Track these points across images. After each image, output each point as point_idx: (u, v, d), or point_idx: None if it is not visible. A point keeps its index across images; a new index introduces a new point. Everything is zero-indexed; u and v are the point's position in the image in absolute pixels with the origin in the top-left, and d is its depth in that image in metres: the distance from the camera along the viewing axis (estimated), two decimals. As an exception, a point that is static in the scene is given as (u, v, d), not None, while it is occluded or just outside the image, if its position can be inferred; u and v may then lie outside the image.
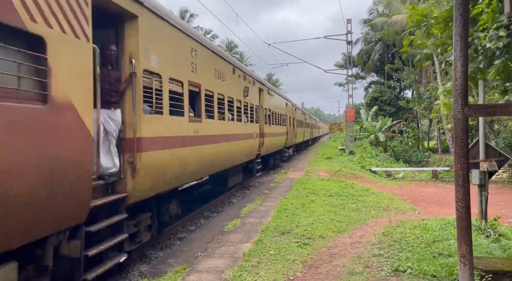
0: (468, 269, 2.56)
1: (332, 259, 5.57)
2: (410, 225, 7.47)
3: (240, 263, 5.34)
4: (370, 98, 38.47)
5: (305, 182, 13.12)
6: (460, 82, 2.61)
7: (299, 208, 8.94)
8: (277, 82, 74.22)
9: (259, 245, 6.17)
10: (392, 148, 32.17)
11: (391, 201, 11.63)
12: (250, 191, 13.09)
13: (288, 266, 5.23)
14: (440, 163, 25.92)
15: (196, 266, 5.42)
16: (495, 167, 7.08)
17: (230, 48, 52.00)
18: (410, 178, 20.38)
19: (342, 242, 6.50)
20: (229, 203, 11.44)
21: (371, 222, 8.13)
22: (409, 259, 5.35)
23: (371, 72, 44.32)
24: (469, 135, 10.41)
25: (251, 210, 9.16)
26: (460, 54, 2.61)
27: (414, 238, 6.49)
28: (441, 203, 13.02)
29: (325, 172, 16.63)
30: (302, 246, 6.12)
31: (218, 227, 7.69)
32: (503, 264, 4.61)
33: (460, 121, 2.60)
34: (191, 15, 43.46)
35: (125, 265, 5.98)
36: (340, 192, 11.60)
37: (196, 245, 6.58)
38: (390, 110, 36.68)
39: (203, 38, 8.52)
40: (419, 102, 31.64)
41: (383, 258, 5.55)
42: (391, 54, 39.37)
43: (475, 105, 2.68)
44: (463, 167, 2.61)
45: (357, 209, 9.53)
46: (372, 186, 14.75)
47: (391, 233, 6.90)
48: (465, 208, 2.61)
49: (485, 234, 6.66)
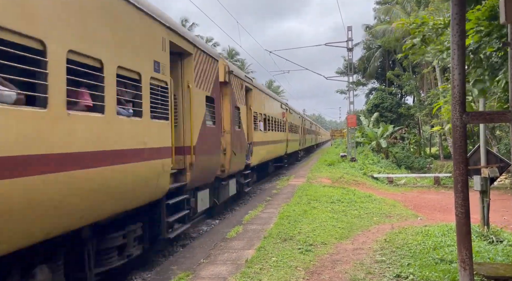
0: (468, 274, 2.59)
1: (334, 266, 5.59)
2: (412, 231, 7.48)
3: (242, 270, 5.36)
4: (371, 105, 38.54)
5: (307, 189, 13.14)
6: (457, 89, 2.67)
7: (301, 215, 8.95)
8: (278, 89, 74.46)
9: (262, 251, 6.19)
10: (394, 154, 32.16)
11: (393, 207, 11.62)
12: (252, 198, 13.11)
13: (290, 272, 5.24)
14: (442, 170, 25.91)
15: (199, 273, 5.44)
16: (497, 173, 7.11)
17: (232, 55, 52.35)
18: (412, 184, 20.35)
19: (344, 248, 6.51)
20: (231, 210, 11.46)
21: (373, 228, 8.14)
22: (411, 265, 5.36)
23: (372, 79, 44.47)
24: (471, 141, 10.47)
25: (253, 217, 9.19)
26: (457, 63, 2.67)
27: (416, 244, 6.50)
28: (443, 209, 13.00)
29: (327, 178, 16.64)
30: (304, 252, 6.14)
31: (220, 234, 7.71)
32: (505, 270, 4.62)
33: (459, 128, 2.66)
34: (192, 24, 43.86)
35: (128, 272, 6.01)
36: (342, 198, 11.61)
37: (198, 252, 6.60)
38: (391, 117, 36.73)
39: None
40: (420, 109, 31.71)
41: (385, 265, 5.56)
42: (392, 61, 39.55)
43: (473, 112, 2.74)
44: (462, 173, 2.66)
45: (359, 216, 9.53)
46: (374, 192, 14.74)
47: (393, 240, 6.91)
48: (465, 214, 2.65)
49: (488, 240, 6.66)
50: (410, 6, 29.96)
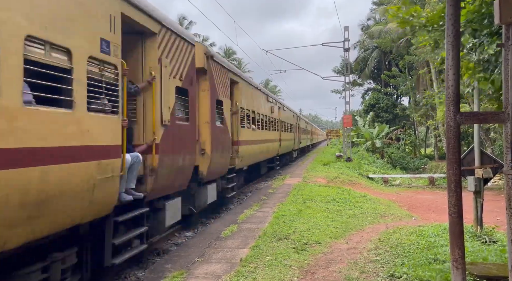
0: (460, 273, 2.61)
1: (328, 265, 5.60)
2: (407, 231, 7.51)
3: (237, 269, 5.36)
4: (367, 105, 38.69)
5: (302, 188, 13.16)
6: (452, 90, 2.68)
7: (296, 214, 8.97)
8: (275, 88, 74.52)
9: (256, 250, 6.19)
10: (389, 154, 32.30)
11: (387, 207, 11.67)
12: (248, 197, 13.11)
13: (284, 271, 5.25)
14: (437, 170, 26.06)
15: (193, 271, 5.43)
16: (490, 173, 7.16)
17: (229, 54, 52.33)
18: (407, 184, 20.46)
19: (338, 248, 6.53)
20: (226, 209, 11.46)
21: (367, 228, 8.17)
22: (404, 264, 5.38)
23: (368, 79, 44.64)
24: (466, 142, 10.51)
25: (248, 216, 9.19)
26: (452, 63, 2.68)
27: (410, 244, 6.53)
28: (437, 209, 13.08)
29: (323, 178, 16.68)
30: (299, 251, 6.15)
31: (215, 233, 7.71)
32: (497, 270, 4.66)
33: (453, 128, 2.67)
34: (190, 22, 43.82)
35: (122, 270, 5.98)
36: (337, 198, 11.64)
37: (193, 250, 6.59)
38: (387, 117, 36.91)
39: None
40: (415, 109, 31.87)
41: (379, 264, 5.59)
42: (388, 61, 39.71)
43: (467, 113, 2.75)
44: (455, 173, 2.67)
45: (354, 215, 9.56)
46: (369, 192, 14.79)
47: (387, 239, 6.94)
48: (458, 213, 2.67)
49: (481, 240, 6.71)
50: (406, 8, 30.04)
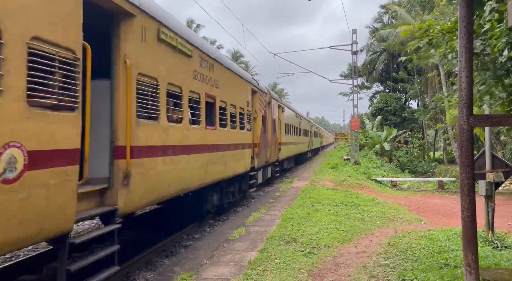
0: (474, 278, 2.58)
1: (337, 269, 5.56)
2: (416, 235, 7.44)
3: (245, 271, 5.35)
4: (376, 108, 38.45)
5: (310, 192, 13.11)
6: (465, 92, 2.65)
7: (304, 217, 8.93)
8: (283, 91, 74.39)
9: (265, 253, 6.18)
10: (398, 158, 32.04)
11: (396, 211, 11.57)
12: (255, 200, 13.10)
13: (293, 274, 5.23)
14: (446, 174, 25.77)
15: (202, 273, 5.43)
16: (502, 177, 7.07)
17: (236, 57, 52.49)
18: (416, 188, 20.26)
19: (347, 251, 6.49)
20: (234, 212, 11.46)
21: (376, 232, 8.10)
22: (415, 269, 5.33)
23: (376, 82, 44.43)
24: (476, 146, 10.39)
25: (256, 218, 9.17)
26: (464, 65, 2.66)
27: (420, 248, 6.46)
28: (447, 214, 12.92)
29: (330, 181, 16.60)
30: (307, 255, 6.12)
31: (223, 236, 7.71)
32: (510, 275, 4.58)
33: (466, 131, 2.64)
34: (198, 25, 44.04)
35: (131, 272, 6.01)
36: (345, 201, 11.57)
37: (201, 253, 6.59)
38: (395, 120, 36.63)
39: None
40: (424, 113, 31.60)
41: (389, 268, 5.53)
42: (396, 64, 39.47)
43: (480, 115, 2.73)
44: (468, 176, 2.64)
45: (362, 219, 9.50)
46: (377, 196, 14.69)
47: (396, 243, 6.88)
48: (471, 217, 2.64)
49: (492, 245, 6.62)
50: (414, 10, 29.87)
